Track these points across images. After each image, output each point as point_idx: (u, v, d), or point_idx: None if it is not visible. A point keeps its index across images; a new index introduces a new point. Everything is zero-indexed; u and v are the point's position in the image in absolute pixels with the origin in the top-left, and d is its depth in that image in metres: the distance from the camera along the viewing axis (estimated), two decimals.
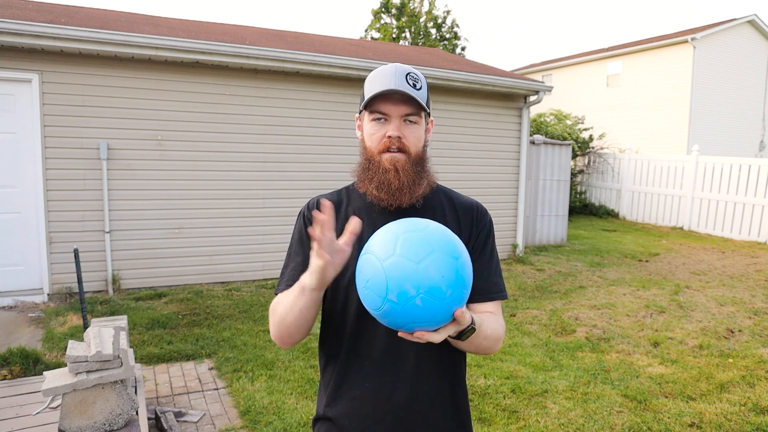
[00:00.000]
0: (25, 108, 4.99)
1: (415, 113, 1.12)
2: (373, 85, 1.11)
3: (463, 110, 7.24)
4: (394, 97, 1.10)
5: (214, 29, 6.93)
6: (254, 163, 5.94)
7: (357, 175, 1.20)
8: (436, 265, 0.83)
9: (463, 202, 1.25)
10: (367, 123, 1.15)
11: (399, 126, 1.11)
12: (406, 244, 0.85)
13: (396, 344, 1.08)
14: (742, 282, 6.55)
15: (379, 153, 1.12)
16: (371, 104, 1.13)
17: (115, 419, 2.15)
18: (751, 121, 17.00)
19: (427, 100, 1.15)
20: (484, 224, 1.23)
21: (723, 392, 3.48)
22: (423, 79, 1.15)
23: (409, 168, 1.12)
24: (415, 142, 1.13)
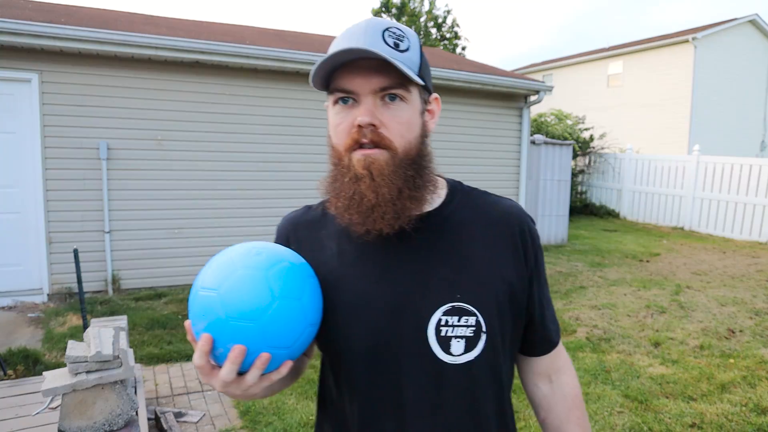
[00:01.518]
0: (24, 108, 4.99)
1: (397, 85, 0.75)
2: (332, 48, 0.76)
3: (463, 110, 7.24)
4: (361, 64, 0.74)
5: (214, 29, 6.93)
6: (254, 163, 5.94)
7: (326, 191, 0.85)
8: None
9: (500, 212, 0.87)
10: (331, 110, 0.81)
11: (372, 107, 0.75)
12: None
13: (433, 389, 0.79)
14: (743, 282, 6.54)
15: (347, 151, 0.77)
16: (331, 80, 0.78)
17: (115, 419, 2.15)
18: (752, 121, 16.99)
19: (421, 66, 0.78)
20: (536, 240, 0.89)
21: (724, 392, 3.48)
22: (413, 37, 0.79)
23: (392, 172, 0.76)
24: (401, 131, 0.76)
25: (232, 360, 0.68)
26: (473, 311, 0.79)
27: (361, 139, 0.75)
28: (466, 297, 0.79)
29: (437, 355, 0.78)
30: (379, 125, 0.75)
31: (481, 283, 0.81)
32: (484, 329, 0.80)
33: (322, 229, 0.89)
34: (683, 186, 10.89)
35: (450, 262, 0.81)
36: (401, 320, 0.79)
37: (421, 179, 0.80)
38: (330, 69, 0.76)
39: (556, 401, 0.95)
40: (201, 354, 0.69)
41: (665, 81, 15.65)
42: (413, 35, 0.79)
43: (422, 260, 0.81)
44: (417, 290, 0.79)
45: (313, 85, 0.78)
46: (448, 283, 0.80)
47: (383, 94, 0.75)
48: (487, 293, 0.81)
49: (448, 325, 0.78)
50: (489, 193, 0.92)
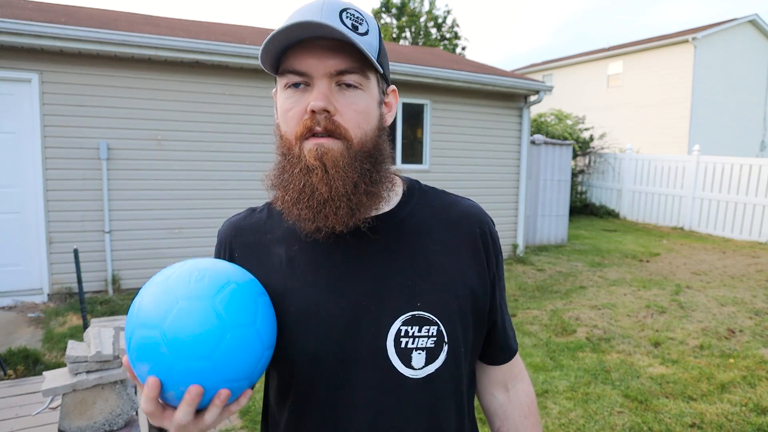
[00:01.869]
0: (24, 108, 4.99)
1: (355, 69, 0.69)
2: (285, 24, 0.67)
3: (463, 110, 7.24)
4: (316, 44, 0.68)
5: (214, 29, 6.93)
6: (254, 163, 5.94)
7: (271, 184, 0.78)
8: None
9: (459, 214, 0.82)
10: (281, 94, 0.75)
11: (327, 92, 0.68)
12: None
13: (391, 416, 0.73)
14: (743, 282, 6.54)
15: (297, 140, 0.71)
16: (282, 60, 0.71)
17: (115, 419, 2.15)
18: (752, 121, 16.99)
19: (379, 52, 0.72)
20: (496, 243, 0.84)
21: (724, 392, 3.48)
22: (372, 21, 0.72)
23: (348, 164, 0.69)
24: (358, 120, 0.70)
25: (188, 402, 0.60)
26: (435, 320, 0.73)
27: (314, 127, 0.68)
28: (426, 305, 0.73)
29: (397, 369, 0.72)
30: (334, 112, 0.68)
31: (442, 289, 0.75)
32: (446, 339, 0.74)
33: (268, 233, 0.81)
34: (683, 186, 10.89)
35: (409, 267, 0.75)
36: (357, 332, 0.72)
37: (377, 174, 0.73)
38: (281, 47, 0.68)
39: (513, 409, 0.91)
40: (148, 400, 0.62)
41: (665, 81, 15.65)
42: (372, 19, 0.73)
43: (379, 265, 0.74)
44: (374, 298, 0.73)
45: (262, 64, 0.71)
46: (408, 291, 0.73)
47: (339, 79, 0.69)
48: (448, 300, 0.75)
49: (408, 336, 0.72)
50: (447, 193, 0.86)
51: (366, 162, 0.71)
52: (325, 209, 0.69)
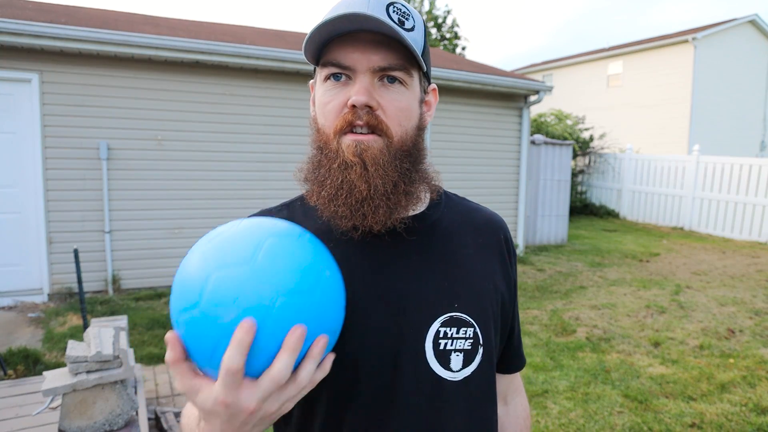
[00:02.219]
0: (24, 108, 4.99)
1: (399, 66, 0.66)
2: (328, 15, 0.65)
3: (463, 110, 7.24)
4: (361, 37, 0.65)
5: (214, 29, 6.93)
6: (254, 163, 5.94)
7: (303, 178, 0.75)
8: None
9: (485, 220, 0.83)
10: (320, 86, 0.71)
11: (370, 87, 0.66)
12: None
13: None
14: (743, 282, 6.54)
15: (336, 134, 0.68)
16: (324, 51, 0.68)
17: (115, 419, 2.15)
18: (752, 121, 16.99)
19: (423, 50, 0.70)
20: (514, 250, 0.86)
21: (724, 392, 3.48)
22: (418, 18, 0.70)
23: (388, 162, 0.67)
24: (399, 117, 0.68)
25: (291, 348, 0.52)
26: (471, 322, 0.73)
27: (355, 121, 0.66)
28: (463, 307, 0.73)
29: (435, 371, 0.70)
30: (376, 107, 0.66)
31: (477, 292, 0.75)
32: (481, 342, 0.74)
33: None
34: (683, 186, 10.89)
35: (444, 268, 0.74)
36: (397, 334, 0.69)
37: (416, 174, 0.72)
38: (326, 38, 0.66)
39: (510, 423, 0.90)
40: (241, 347, 0.50)
41: (665, 81, 15.65)
42: (418, 16, 0.70)
43: (416, 265, 0.73)
44: (412, 299, 0.71)
45: (305, 54, 0.68)
46: (445, 292, 0.73)
47: (383, 73, 0.66)
48: (482, 303, 0.75)
49: (447, 338, 0.71)
50: (468, 199, 0.86)
51: (405, 161, 0.69)
52: (363, 208, 0.67)
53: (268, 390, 0.53)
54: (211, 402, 0.53)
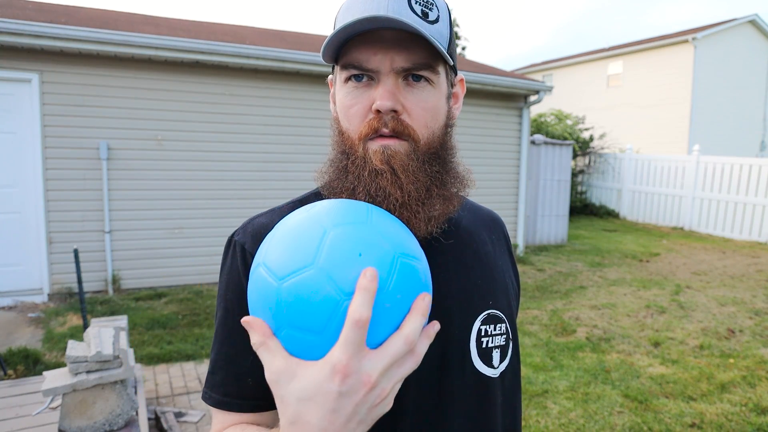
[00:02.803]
0: (25, 108, 4.99)
1: (424, 66, 0.63)
2: (347, 14, 0.62)
3: (463, 110, 7.23)
4: (382, 35, 0.61)
5: (214, 29, 6.93)
6: (254, 163, 5.94)
7: (327, 182, 0.71)
8: None
9: (489, 217, 0.85)
10: (341, 88, 0.67)
11: (395, 89, 0.63)
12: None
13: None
14: (743, 282, 6.54)
15: (361, 140, 0.64)
16: (343, 51, 0.64)
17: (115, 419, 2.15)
18: (752, 121, 16.99)
19: (449, 42, 0.66)
20: (511, 245, 0.88)
21: (724, 392, 3.48)
22: (443, 5, 0.66)
23: (417, 167, 0.64)
24: (426, 119, 0.65)
25: (422, 311, 0.49)
26: (503, 317, 0.74)
27: (381, 129, 0.63)
28: (496, 303, 0.74)
29: (480, 370, 0.70)
30: (402, 111, 0.63)
31: (502, 288, 0.77)
32: (511, 336, 0.76)
33: None
34: (683, 186, 10.89)
35: (476, 267, 0.75)
36: (445, 334, 0.67)
37: (448, 175, 0.69)
38: (344, 38, 0.62)
39: None
40: (368, 298, 0.45)
41: (665, 81, 15.66)
42: (443, 4, 0.66)
43: (453, 266, 0.72)
44: (455, 300, 0.70)
45: (323, 58, 0.65)
46: (480, 290, 0.73)
47: (407, 73, 0.63)
48: (508, 298, 0.77)
49: (488, 335, 0.71)
50: (468, 199, 0.83)
51: (434, 164, 0.67)
52: (403, 214, 0.63)
53: (398, 353, 0.47)
54: (318, 381, 0.46)
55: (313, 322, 0.47)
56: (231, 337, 0.66)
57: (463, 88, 0.75)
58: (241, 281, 0.66)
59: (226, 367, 0.66)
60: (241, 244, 0.68)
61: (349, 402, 0.46)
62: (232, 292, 0.67)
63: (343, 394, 0.45)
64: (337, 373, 0.45)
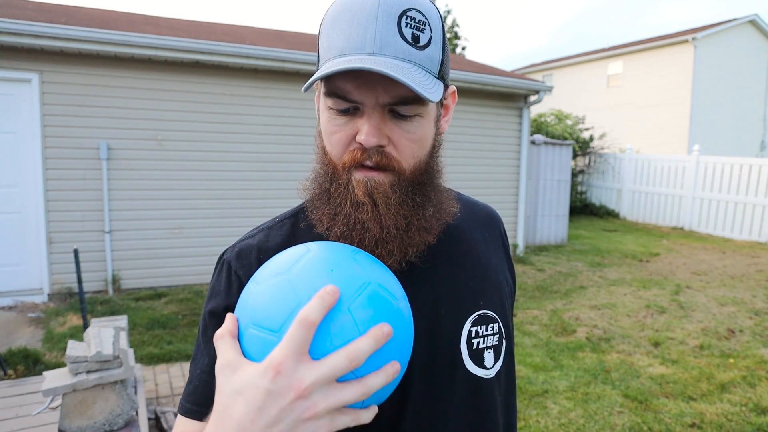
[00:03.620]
0: (25, 108, 4.99)
1: (412, 100, 0.60)
2: (332, 38, 0.60)
3: (463, 110, 7.24)
4: (368, 75, 0.59)
5: (214, 29, 6.93)
6: (254, 163, 5.94)
7: (311, 198, 0.70)
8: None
9: (485, 214, 0.84)
10: (324, 110, 0.65)
11: (380, 123, 0.61)
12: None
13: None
14: (743, 282, 6.54)
15: (345, 168, 0.64)
16: (327, 80, 0.62)
17: (115, 419, 2.15)
18: (752, 121, 17.00)
19: (442, 62, 0.63)
20: (508, 242, 0.88)
21: (724, 392, 3.48)
22: (435, 20, 0.62)
23: (399, 200, 0.63)
24: (413, 150, 0.64)
25: (378, 337, 0.48)
26: (495, 317, 0.74)
27: (364, 161, 0.62)
28: (488, 303, 0.74)
29: (472, 372, 0.71)
30: (387, 144, 0.62)
31: (495, 287, 0.77)
32: (504, 335, 0.75)
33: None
34: (683, 186, 10.89)
35: (467, 268, 0.75)
36: (430, 341, 0.68)
37: (429, 204, 0.67)
38: (331, 69, 0.59)
39: None
40: (322, 305, 0.47)
41: (665, 81, 15.65)
42: (435, 17, 0.62)
43: (441, 269, 0.72)
44: (444, 304, 0.70)
45: (305, 91, 0.64)
46: (470, 291, 0.73)
47: (393, 107, 0.60)
48: (500, 297, 0.77)
49: (479, 336, 0.72)
50: (464, 195, 0.85)
51: (418, 194, 0.65)
52: (377, 249, 0.64)
53: (336, 367, 0.46)
54: (253, 376, 0.46)
55: (271, 321, 0.49)
56: (209, 349, 0.66)
57: (454, 99, 0.73)
58: (223, 295, 0.68)
59: (200, 377, 0.67)
60: (228, 262, 0.70)
61: (275, 404, 0.45)
62: (213, 304, 0.68)
63: (271, 393, 0.45)
64: (271, 369, 0.45)
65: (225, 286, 0.68)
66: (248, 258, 0.69)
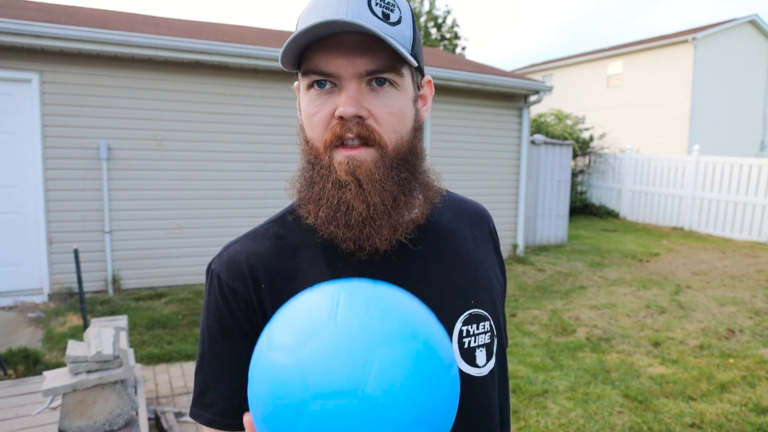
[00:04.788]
0: (25, 108, 4.99)
1: (387, 68, 0.61)
2: (307, 19, 0.61)
3: (463, 110, 7.24)
4: (343, 39, 0.60)
5: (214, 29, 6.93)
6: (254, 163, 5.94)
7: (297, 192, 0.71)
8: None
9: (474, 211, 0.83)
10: (304, 95, 0.66)
11: (358, 94, 0.61)
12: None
13: None
14: (743, 282, 6.54)
15: (326, 148, 0.63)
16: (305, 58, 0.63)
17: (115, 419, 2.15)
18: (752, 121, 17.00)
19: (413, 43, 0.65)
20: (497, 237, 0.86)
21: (724, 392, 3.48)
22: (405, 6, 0.65)
23: (384, 175, 0.63)
24: (393, 123, 0.63)
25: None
26: (486, 315, 0.74)
27: (345, 134, 0.61)
28: (478, 302, 0.73)
29: (463, 371, 0.70)
30: (367, 116, 0.61)
31: (486, 285, 0.76)
32: (495, 333, 0.75)
33: (295, 255, 0.69)
34: (683, 186, 10.89)
35: (456, 267, 0.74)
36: None
37: (416, 181, 0.68)
38: (304, 45, 0.61)
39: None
40: None
41: (665, 81, 15.66)
42: (405, 3, 0.64)
43: (431, 269, 0.71)
44: (434, 304, 0.67)
45: (282, 65, 0.64)
46: (461, 290, 0.73)
47: (370, 77, 0.61)
48: (491, 294, 0.77)
49: (470, 335, 0.71)
50: (452, 192, 0.83)
51: (403, 170, 0.65)
52: (365, 229, 0.63)
53: None
54: None
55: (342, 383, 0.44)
56: (218, 361, 0.68)
57: (431, 89, 0.73)
58: (219, 306, 0.67)
59: (216, 388, 0.68)
60: (217, 274, 0.69)
61: None
62: (212, 318, 0.68)
63: None
64: None
65: (220, 299, 0.67)
66: (238, 266, 0.68)
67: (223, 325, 0.66)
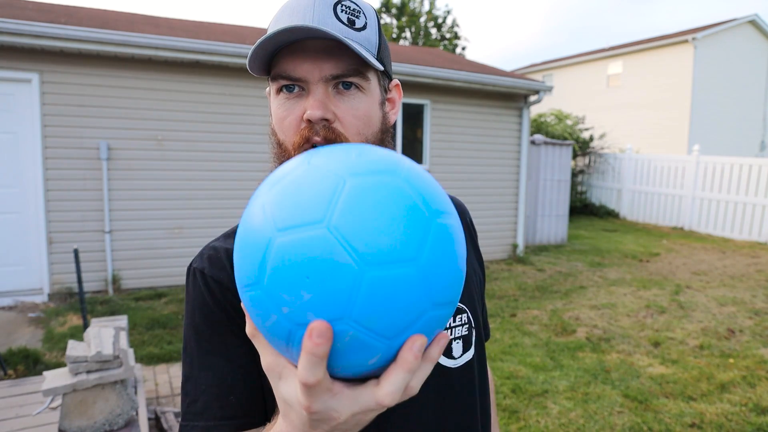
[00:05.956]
0: (25, 108, 4.99)
1: (352, 72, 0.64)
2: (275, 26, 0.63)
3: (463, 110, 7.24)
4: (309, 45, 0.63)
5: (214, 29, 6.93)
6: (254, 163, 5.94)
7: None
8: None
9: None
10: (274, 100, 0.68)
11: (324, 98, 0.63)
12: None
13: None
14: (743, 282, 6.54)
15: (296, 151, 0.65)
16: (273, 63, 0.65)
17: (115, 419, 2.15)
18: (752, 121, 17.00)
19: (380, 47, 0.67)
20: (476, 233, 0.90)
21: (724, 392, 3.48)
22: (370, 12, 0.67)
23: None
24: (358, 126, 0.65)
25: (409, 365, 0.41)
26: (464, 308, 0.76)
27: (312, 137, 0.63)
28: None
29: (439, 362, 0.71)
30: (333, 119, 0.63)
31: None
32: (473, 325, 0.77)
33: None
34: (683, 186, 10.89)
35: None
36: None
37: None
38: (271, 51, 0.63)
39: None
40: (314, 363, 0.38)
41: (665, 81, 15.66)
42: (370, 10, 0.67)
43: None
44: None
45: (251, 70, 0.65)
46: None
47: (336, 81, 0.64)
48: (469, 288, 0.79)
49: (447, 327, 0.73)
50: None
51: None
52: None
53: (368, 408, 0.42)
54: (294, 395, 0.43)
55: (275, 341, 0.42)
56: (207, 360, 0.64)
57: (400, 93, 0.75)
58: (206, 300, 0.65)
59: (207, 391, 0.64)
60: (201, 270, 0.68)
61: (324, 425, 0.43)
62: (199, 315, 0.65)
63: (315, 422, 0.43)
64: (303, 408, 0.42)
65: (205, 290, 0.66)
66: (220, 261, 0.67)
67: (212, 319, 0.64)
